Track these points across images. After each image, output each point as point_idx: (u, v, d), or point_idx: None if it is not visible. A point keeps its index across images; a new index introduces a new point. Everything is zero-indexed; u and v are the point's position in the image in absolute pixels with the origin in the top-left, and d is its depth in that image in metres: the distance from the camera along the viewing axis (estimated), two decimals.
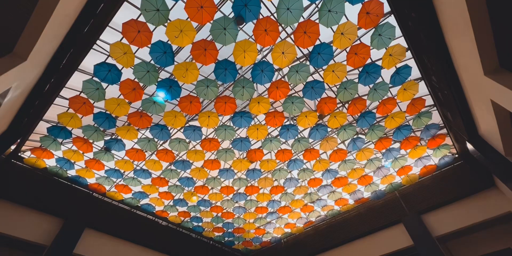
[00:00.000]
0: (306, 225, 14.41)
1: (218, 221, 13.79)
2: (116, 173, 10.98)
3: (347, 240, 12.88)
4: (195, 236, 14.86)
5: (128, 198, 12.44)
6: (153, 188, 11.67)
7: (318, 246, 13.70)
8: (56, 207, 10.20)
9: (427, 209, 11.06)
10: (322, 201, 12.59)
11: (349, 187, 11.73)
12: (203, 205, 12.68)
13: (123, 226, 11.89)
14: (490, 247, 10.18)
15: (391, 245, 11.47)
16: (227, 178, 11.06)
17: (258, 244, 15.77)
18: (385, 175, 11.19)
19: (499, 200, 9.47)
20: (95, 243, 10.77)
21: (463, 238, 10.71)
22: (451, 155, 10.68)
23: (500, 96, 5.24)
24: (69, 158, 10.11)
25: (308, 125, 8.90)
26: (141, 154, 10.11)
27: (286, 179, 11.28)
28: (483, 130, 7.33)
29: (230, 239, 15.35)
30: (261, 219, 13.76)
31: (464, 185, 10.37)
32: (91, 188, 11.62)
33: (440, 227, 10.58)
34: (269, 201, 12.52)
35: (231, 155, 10.18)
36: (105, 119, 8.61)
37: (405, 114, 8.82)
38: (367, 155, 10.23)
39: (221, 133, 9.24)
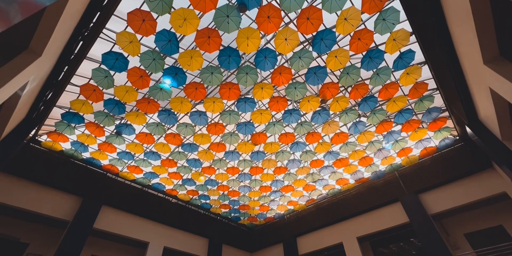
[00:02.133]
0: (308, 202, 15.17)
1: (224, 199, 14.61)
2: (128, 155, 11.56)
3: (347, 216, 13.63)
4: (203, 212, 15.83)
5: (139, 178, 13.18)
6: (162, 168, 12.30)
7: (319, 222, 14.55)
8: (74, 186, 10.97)
9: (424, 189, 11.54)
10: (323, 180, 13.16)
11: (350, 168, 12.18)
12: (210, 184, 13.39)
13: (136, 203, 12.75)
14: (482, 224, 10.76)
15: (388, 222, 12.16)
16: (232, 160, 11.58)
17: (262, 219, 16.77)
18: (385, 157, 11.55)
19: (495, 180, 9.82)
20: (112, 218, 11.68)
21: (457, 215, 11.28)
22: (452, 137, 10.90)
23: (498, 85, 5.36)
24: (83, 141, 10.65)
25: (310, 110, 9.12)
26: (150, 137, 10.58)
27: (289, 161, 11.75)
28: (483, 115, 7.49)
29: (236, 215, 16.32)
30: (265, 197, 14.52)
31: (462, 167, 10.71)
32: (105, 169, 12.33)
33: (435, 206, 11.12)
34: (273, 181, 13.13)
35: (236, 138, 10.58)
36: (114, 105, 8.96)
37: (407, 98, 8.93)
38: (368, 137, 10.51)
39: (226, 117, 9.56)
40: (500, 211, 10.39)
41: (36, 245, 10.50)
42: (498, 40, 4.94)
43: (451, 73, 6.90)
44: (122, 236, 11.80)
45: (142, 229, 12.50)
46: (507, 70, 4.95)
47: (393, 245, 13.22)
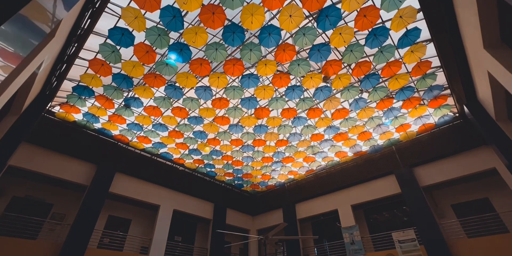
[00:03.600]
0: (307, 172, 16.04)
1: (228, 168, 15.52)
2: (137, 126, 12.14)
3: (343, 186, 14.54)
4: (209, 179, 16.91)
5: (148, 147, 13.95)
6: (170, 139, 12.96)
7: (317, 190, 15.56)
8: (89, 154, 11.80)
9: (419, 163, 12.12)
10: (323, 153, 13.79)
11: (349, 142, 12.69)
12: (215, 154, 14.16)
13: (146, 171, 13.71)
14: (469, 196, 11.50)
15: (381, 192, 13.01)
16: (236, 132, 12.11)
17: (264, 187, 17.90)
18: (384, 132, 11.94)
19: (486, 157, 10.27)
20: (126, 184, 12.70)
21: (446, 188, 12.01)
22: (451, 115, 11.12)
23: (495, 70, 5.50)
24: (94, 113, 11.16)
25: (312, 86, 9.32)
26: (158, 110, 11.02)
27: (290, 134, 12.24)
28: (481, 96, 7.68)
29: (240, 182, 17.43)
30: (267, 167, 15.36)
31: (457, 143, 11.11)
32: (116, 139, 13.05)
33: (427, 178, 11.79)
34: (275, 152, 13.81)
35: (239, 112, 10.98)
36: (122, 79, 9.25)
37: (409, 76, 9.01)
38: (368, 113, 10.80)
39: (230, 92, 9.84)
40: (487, 185, 11.04)
41: (59, 206, 11.68)
42: (501, 26, 4.97)
43: (454, 54, 6.94)
44: (135, 200, 12.96)
45: (153, 194, 13.62)
46: (504, 56, 5.06)
47: (385, 212, 14.30)
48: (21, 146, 9.51)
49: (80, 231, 10.08)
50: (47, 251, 9.31)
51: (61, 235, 10.69)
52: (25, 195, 11.00)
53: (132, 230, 13.62)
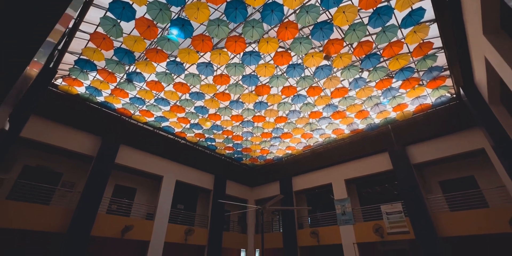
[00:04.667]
0: (304, 148, 16.61)
1: (229, 142, 16.03)
2: (139, 100, 12.34)
3: (338, 162, 15.19)
4: (210, 152, 17.54)
5: (151, 121, 14.30)
6: (172, 114, 13.25)
7: (313, 165, 16.25)
8: (94, 127, 12.21)
9: (412, 142, 12.58)
10: (320, 130, 14.18)
11: (346, 120, 13.01)
12: (216, 129, 14.56)
13: (149, 143, 14.23)
14: (457, 174, 12.13)
15: (374, 168, 13.66)
16: (236, 108, 12.37)
17: (262, 161, 18.62)
18: (381, 111, 12.20)
19: (476, 137, 10.67)
20: (130, 155, 13.28)
21: (436, 166, 12.60)
22: (448, 96, 11.30)
23: (491, 56, 5.61)
24: (96, 86, 11.31)
25: (313, 65, 9.38)
26: (160, 85, 11.16)
27: (290, 111, 12.51)
28: (477, 79, 7.82)
29: (239, 156, 18.09)
30: (265, 142, 15.87)
31: (451, 124, 11.45)
32: (119, 112, 13.34)
33: (419, 156, 12.33)
34: (274, 128, 14.20)
35: (240, 89, 11.13)
36: (124, 54, 9.28)
37: (410, 57, 9.05)
38: (367, 93, 10.96)
39: (231, 69, 9.91)
40: (474, 164, 11.59)
41: (69, 175, 12.36)
42: (502, 13, 5.00)
43: (455, 36, 6.96)
44: (140, 170, 13.64)
45: (156, 165, 14.29)
46: (502, 44, 5.15)
47: (377, 186, 15.12)
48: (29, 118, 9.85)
49: (90, 198, 10.83)
50: (61, 215, 10.13)
51: (72, 201, 11.50)
52: (36, 165, 11.59)
53: (137, 198, 14.52)
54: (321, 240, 14.02)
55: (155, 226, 12.87)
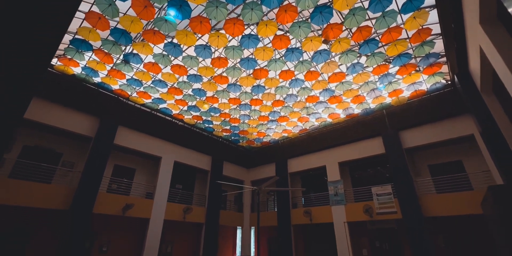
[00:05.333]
0: (300, 131, 16.90)
1: (226, 125, 16.22)
2: (136, 82, 12.29)
3: (333, 145, 15.57)
4: (207, 134, 17.77)
5: (148, 102, 14.34)
6: (169, 96, 13.28)
7: (309, 148, 16.64)
8: (91, 108, 12.25)
9: (405, 127, 12.89)
10: (317, 114, 14.39)
11: (342, 104, 13.18)
12: (213, 112, 14.69)
13: (147, 124, 14.37)
14: (445, 158, 12.58)
15: (367, 152, 14.08)
16: (234, 91, 12.43)
17: (259, 143, 18.96)
18: (377, 96, 12.36)
19: (467, 124, 10.99)
20: (129, 137, 13.45)
21: (426, 150, 13.02)
22: (444, 82, 11.44)
23: (486, 46, 5.70)
24: (93, 67, 11.21)
25: (312, 49, 9.37)
26: (157, 67, 11.10)
27: (287, 95, 12.63)
28: (471, 67, 7.94)
29: (236, 138, 18.38)
30: (262, 125, 16.10)
31: (444, 110, 11.70)
32: (116, 93, 13.32)
33: (411, 141, 12.70)
34: (271, 112, 14.36)
35: (238, 72, 11.13)
36: (121, 34, 9.15)
37: (408, 43, 9.06)
38: (364, 78, 11.05)
39: (229, 52, 9.86)
40: (463, 149, 12.01)
41: (68, 155, 12.56)
42: (499, 3, 5.02)
43: (454, 23, 6.98)
44: (139, 151, 13.90)
45: (155, 146, 14.54)
46: (496, 34, 5.23)
47: (369, 169, 15.65)
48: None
49: (91, 178, 11.15)
50: (62, 194, 10.48)
51: (73, 181, 11.82)
52: (34, 145, 11.75)
53: (136, 178, 14.90)
54: (313, 219, 14.74)
55: (155, 204, 13.38)
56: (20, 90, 4.26)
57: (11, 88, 4.12)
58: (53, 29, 4.49)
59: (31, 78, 4.45)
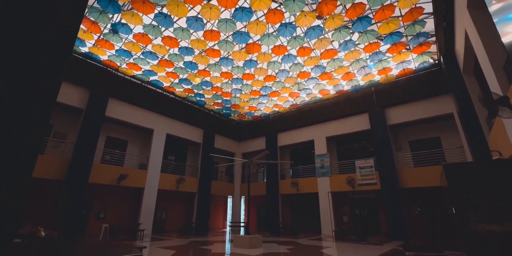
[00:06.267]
0: (291, 106, 17.24)
1: (218, 98, 16.34)
2: (126, 53, 12.02)
3: (321, 120, 16.10)
4: (199, 107, 17.90)
5: (138, 74, 14.14)
6: (160, 68, 13.11)
7: (298, 123, 17.15)
8: (80, 78, 12.08)
9: (391, 104, 13.40)
10: (307, 90, 14.62)
11: (333, 81, 13.41)
12: (205, 85, 14.69)
13: (139, 97, 14.35)
14: (425, 134, 13.35)
15: (354, 127, 14.71)
16: (226, 65, 12.39)
17: (250, 117, 19.30)
18: (367, 74, 12.60)
19: (448, 103, 11.54)
20: (120, 109, 13.51)
21: (408, 127, 13.71)
22: (431, 62, 11.71)
23: (470, 30, 5.93)
24: (80, 36, 10.83)
25: (305, 25, 9.32)
26: (147, 38, 10.82)
27: (279, 70, 12.69)
28: (457, 48, 8.19)
29: (228, 112, 18.62)
30: (254, 100, 16.29)
31: (429, 89, 12.15)
32: (105, 64, 13.05)
33: (395, 118, 13.30)
34: (262, 86, 14.48)
35: (230, 46, 11.02)
36: (108, 2, 8.79)
37: (400, 21, 9.12)
38: (355, 55, 11.18)
39: (222, 25, 9.69)
40: (442, 127, 12.73)
41: (59, 127, 12.62)
42: None
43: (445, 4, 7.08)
44: (130, 124, 14.06)
45: (147, 119, 14.69)
46: (481, 20, 5.42)
47: (355, 143, 16.44)
48: None
49: (84, 149, 11.41)
50: (56, 164, 10.78)
51: (65, 152, 12.05)
52: None
53: (129, 149, 15.25)
54: (300, 189, 15.74)
55: (149, 175, 13.93)
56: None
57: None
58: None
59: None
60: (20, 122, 1.24)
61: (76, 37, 1.75)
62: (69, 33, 1.63)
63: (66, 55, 1.60)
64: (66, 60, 1.59)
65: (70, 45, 1.65)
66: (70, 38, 1.61)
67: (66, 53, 1.59)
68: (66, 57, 1.59)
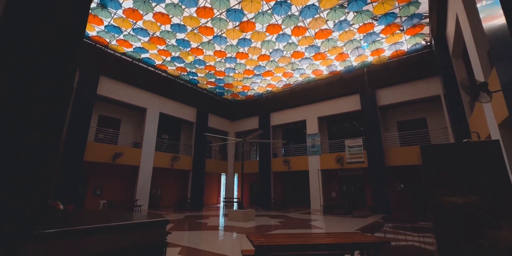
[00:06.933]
0: (284, 86, 17.31)
1: (211, 77, 16.24)
2: (116, 29, 11.66)
3: (314, 101, 16.33)
4: (192, 86, 17.80)
5: (129, 51, 13.82)
6: (152, 45, 12.83)
7: (291, 102, 17.35)
8: None
9: (382, 86, 13.64)
10: (301, 70, 14.65)
11: (326, 61, 13.45)
12: (198, 64, 14.53)
13: (131, 75, 14.15)
14: (413, 115, 13.81)
15: (345, 108, 15.03)
16: (220, 44, 12.21)
17: (243, 96, 19.35)
18: (360, 55, 12.66)
19: (436, 85, 11.85)
20: (112, 87, 13.36)
21: (397, 108, 14.12)
22: (423, 43, 11.81)
23: (461, 15, 6.03)
24: None
25: (301, 4, 9.18)
26: (138, 13, 10.49)
27: (273, 50, 12.61)
28: (448, 32, 8.31)
29: (221, 91, 18.59)
30: (247, 79, 16.27)
31: (419, 71, 12.38)
32: (93, 40, 12.68)
33: (385, 99, 13.63)
34: (256, 66, 14.42)
35: (224, 23, 10.81)
36: None
37: (395, 2, 9.08)
38: (349, 36, 11.16)
39: (215, 2, 9.45)
40: (429, 108, 13.16)
41: None
42: None
43: None
44: (123, 102, 14.00)
45: (139, 97, 14.61)
46: (472, 5, 5.51)
47: (346, 123, 16.88)
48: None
49: (77, 127, 11.45)
50: None
51: None
52: None
53: (122, 128, 15.31)
54: (291, 167, 16.36)
55: (143, 153, 14.18)
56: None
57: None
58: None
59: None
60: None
61: (82, 39, 1.83)
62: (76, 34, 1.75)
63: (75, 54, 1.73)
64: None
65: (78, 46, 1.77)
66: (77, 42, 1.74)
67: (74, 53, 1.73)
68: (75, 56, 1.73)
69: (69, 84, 1.66)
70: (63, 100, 1.63)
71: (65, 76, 1.68)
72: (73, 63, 1.70)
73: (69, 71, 1.70)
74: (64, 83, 1.65)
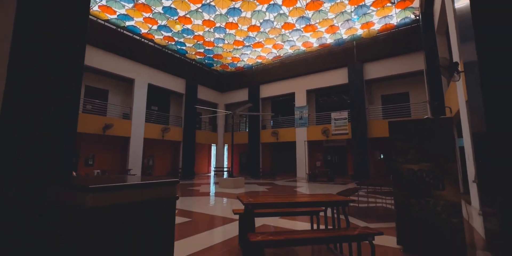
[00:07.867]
0: (274, 58, 17.23)
1: (199, 48, 15.91)
2: None
3: (303, 73, 16.47)
4: (180, 56, 17.42)
5: (113, 18, 13.22)
6: (137, 12, 12.30)
7: (281, 75, 17.44)
8: None
9: (370, 60, 13.86)
10: (291, 42, 14.54)
11: (317, 34, 13.36)
12: (186, 33, 14.13)
13: (116, 44, 13.68)
14: (396, 89, 14.32)
15: (333, 81, 15.33)
16: (208, 13, 11.86)
17: (233, 68, 19.19)
18: (350, 27, 12.63)
19: (419, 60, 12.17)
20: (97, 57, 12.95)
21: (382, 82, 14.54)
22: (412, 17, 11.86)
23: None
24: None
25: None
26: None
27: (263, 20, 12.37)
28: (435, 7, 8.42)
29: (210, 62, 18.32)
30: (237, 50, 16.05)
31: (406, 45, 12.59)
32: None
33: (372, 73, 13.96)
34: (246, 37, 14.19)
35: None
36: None
37: None
38: (340, 8, 11.04)
39: None
40: (412, 82, 13.64)
41: None
42: None
43: None
44: (110, 73, 13.74)
45: (126, 68, 14.31)
46: None
47: (333, 96, 17.30)
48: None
49: None
50: None
51: None
52: None
53: (110, 99, 15.20)
54: (279, 138, 17.02)
55: (133, 124, 14.35)
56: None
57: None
58: None
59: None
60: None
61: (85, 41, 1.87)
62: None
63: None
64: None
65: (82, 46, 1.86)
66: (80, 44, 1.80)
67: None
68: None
69: (72, 80, 1.70)
70: (66, 96, 1.68)
71: (67, 72, 1.70)
72: (77, 59, 1.75)
73: (72, 67, 1.73)
74: (67, 79, 1.67)
